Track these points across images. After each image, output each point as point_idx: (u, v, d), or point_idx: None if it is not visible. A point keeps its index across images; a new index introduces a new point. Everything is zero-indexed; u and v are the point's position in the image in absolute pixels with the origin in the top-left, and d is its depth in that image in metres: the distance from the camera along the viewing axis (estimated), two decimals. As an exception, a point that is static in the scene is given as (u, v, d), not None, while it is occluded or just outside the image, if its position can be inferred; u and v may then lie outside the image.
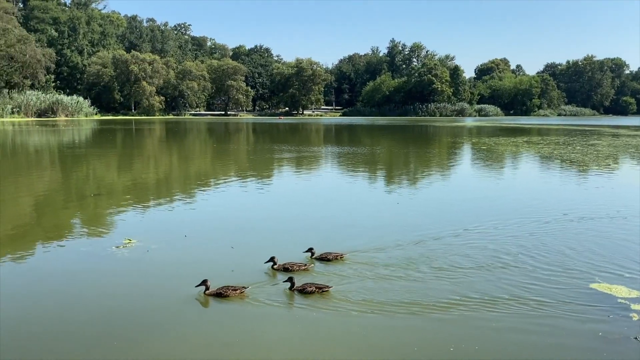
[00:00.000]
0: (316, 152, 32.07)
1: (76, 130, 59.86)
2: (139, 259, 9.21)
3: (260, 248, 9.71)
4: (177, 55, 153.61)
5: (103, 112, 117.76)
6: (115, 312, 6.94)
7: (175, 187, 18.57)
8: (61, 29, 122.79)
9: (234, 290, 7.44)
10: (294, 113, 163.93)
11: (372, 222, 12.17)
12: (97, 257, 9.35)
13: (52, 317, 6.83)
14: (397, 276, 8.33)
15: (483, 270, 8.67)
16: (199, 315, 6.93)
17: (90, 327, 6.52)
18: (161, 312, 6.98)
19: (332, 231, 11.31)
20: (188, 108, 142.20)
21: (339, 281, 8.06)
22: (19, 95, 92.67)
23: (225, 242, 10.32)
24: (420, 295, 7.55)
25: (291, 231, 11.43)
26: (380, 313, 6.91)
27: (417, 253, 9.54)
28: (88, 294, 7.64)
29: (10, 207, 14.50)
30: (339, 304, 7.21)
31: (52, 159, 27.96)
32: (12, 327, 6.49)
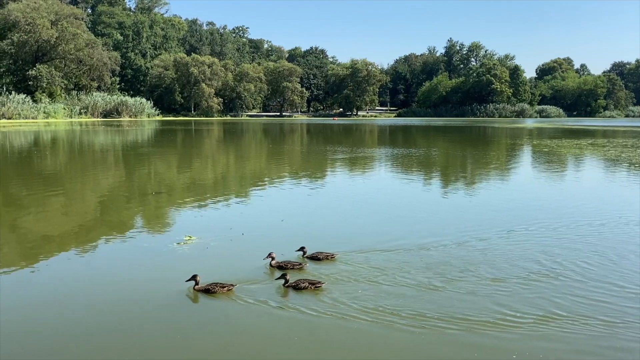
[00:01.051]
0: (370, 154, 31.90)
1: (139, 130, 62.25)
2: (198, 256, 9.44)
3: (312, 244, 9.74)
4: (235, 58, 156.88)
5: (164, 113, 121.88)
6: (177, 305, 7.15)
7: (232, 186, 18.95)
8: (126, 33, 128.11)
9: (222, 287, 7.55)
10: (348, 114, 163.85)
11: (413, 222, 11.96)
12: (159, 252, 9.65)
13: (117, 309, 7.10)
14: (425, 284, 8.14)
15: (527, 280, 8.31)
16: (252, 309, 7.01)
17: (154, 320, 6.74)
18: (222, 304, 7.13)
19: (373, 229, 11.19)
20: (245, 109, 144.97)
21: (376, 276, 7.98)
22: (86, 96, 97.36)
23: (281, 240, 10.41)
24: (452, 306, 7.35)
25: (339, 229, 11.40)
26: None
27: (457, 255, 9.31)
28: (151, 286, 7.89)
29: (77, 203, 15.25)
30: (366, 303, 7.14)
31: (116, 158, 29.18)
32: (86, 316, 6.82)
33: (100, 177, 21.22)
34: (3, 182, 19.52)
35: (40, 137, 46.15)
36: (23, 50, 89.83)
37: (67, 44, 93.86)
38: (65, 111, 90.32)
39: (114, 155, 30.53)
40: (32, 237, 11.05)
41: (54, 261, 9.20)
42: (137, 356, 5.80)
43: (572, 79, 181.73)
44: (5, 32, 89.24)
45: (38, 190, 17.24)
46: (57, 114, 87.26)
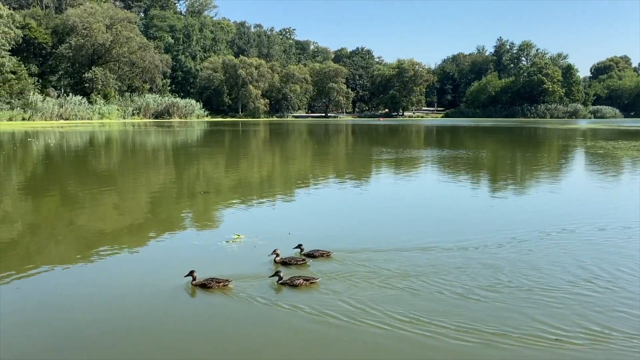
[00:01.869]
0: (415, 155, 31.57)
1: (188, 131, 63.80)
2: (247, 254, 9.59)
3: (351, 245, 9.73)
4: (281, 59, 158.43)
5: (213, 114, 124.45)
6: (233, 299, 7.31)
7: (277, 186, 19.17)
8: (177, 36, 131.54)
9: (218, 282, 7.76)
10: (394, 114, 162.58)
11: (455, 224, 11.73)
12: (209, 250, 9.84)
13: (171, 303, 7.32)
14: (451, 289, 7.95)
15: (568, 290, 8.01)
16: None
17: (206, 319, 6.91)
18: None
19: (413, 228, 11.04)
20: (290, 110, 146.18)
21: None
22: (139, 98, 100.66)
23: (325, 239, 10.44)
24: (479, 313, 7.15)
25: (380, 229, 11.31)
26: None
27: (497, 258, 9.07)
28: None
29: (129, 201, 15.79)
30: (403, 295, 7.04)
31: (166, 158, 30.02)
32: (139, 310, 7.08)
33: (151, 176, 21.88)
34: (61, 180, 20.44)
35: (95, 137, 48.01)
36: (80, 54, 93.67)
37: (121, 47, 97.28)
38: (119, 112, 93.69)
39: (164, 155, 31.41)
40: (88, 233, 11.53)
41: (108, 256, 9.55)
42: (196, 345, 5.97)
43: (629, 78, 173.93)
44: (64, 37, 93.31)
45: (93, 188, 17.95)
46: (111, 115, 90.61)
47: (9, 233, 11.42)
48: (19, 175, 21.67)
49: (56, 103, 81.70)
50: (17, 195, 16.43)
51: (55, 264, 8.94)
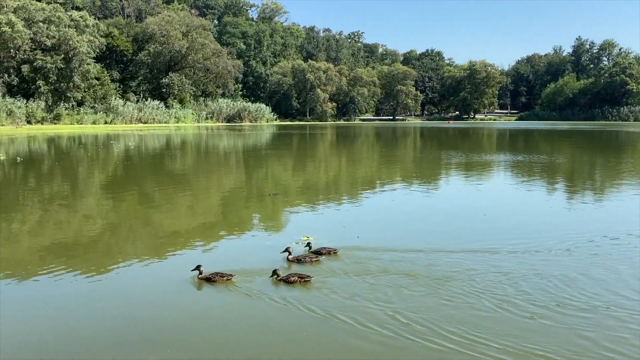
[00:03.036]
0: (486, 160, 30.63)
1: (258, 134, 65.29)
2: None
3: (413, 248, 9.56)
4: (349, 63, 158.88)
5: (281, 118, 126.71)
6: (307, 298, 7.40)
7: (344, 188, 19.20)
8: (248, 42, 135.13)
9: (222, 276, 8.17)
10: (465, 117, 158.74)
11: (520, 229, 11.19)
12: (279, 251, 9.86)
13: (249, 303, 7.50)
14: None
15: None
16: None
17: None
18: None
19: (474, 234, 10.65)
20: (358, 113, 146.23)
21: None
22: (212, 102, 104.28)
23: (394, 242, 10.33)
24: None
25: (448, 234, 11.03)
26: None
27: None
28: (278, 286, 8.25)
29: (202, 201, 16.36)
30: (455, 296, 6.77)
31: (237, 160, 30.86)
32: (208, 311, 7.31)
33: (222, 177, 22.57)
34: (139, 180, 21.51)
35: (171, 140, 50.15)
36: (158, 60, 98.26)
37: (196, 53, 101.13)
38: (193, 116, 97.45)
39: (235, 157, 32.30)
40: (163, 232, 12.04)
41: (182, 255, 9.93)
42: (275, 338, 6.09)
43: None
44: (143, 44, 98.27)
45: (168, 188, 18.75)
46: (186, 119, 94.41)
47: (92, 230, 12.14)
48: (101, 175, 23.00)
49: (135, 107, 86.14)
50: (99, 194, 17.44)
51: (133, 261, 9.39)
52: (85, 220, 13.17)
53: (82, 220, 13.16)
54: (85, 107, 79.18)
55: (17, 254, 9.98)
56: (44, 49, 73.60)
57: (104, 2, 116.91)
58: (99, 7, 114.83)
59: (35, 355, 5.94)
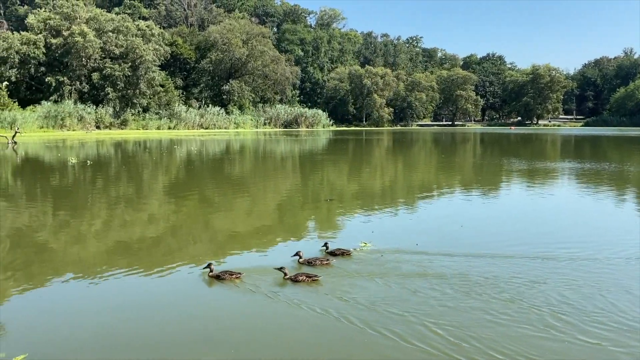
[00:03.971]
0: (549, 167, 29.47)
1: (314, 139, 65.76)
2: (375, 262, 9.56)
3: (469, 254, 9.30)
4: (407, 68, 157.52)
5: (337, 124, 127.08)
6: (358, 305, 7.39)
7: (400, 195, 19.00)
8: (306, 48, 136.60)
9: (231, 274, 8.56)
10: (527, 123, 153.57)
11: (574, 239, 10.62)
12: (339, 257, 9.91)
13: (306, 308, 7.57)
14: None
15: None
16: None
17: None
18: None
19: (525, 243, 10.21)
20: (415, 119, 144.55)
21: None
22: (270, 108, 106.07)
23: (454, 249, 10.13)
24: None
25: (506, 241, 10.64)
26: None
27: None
28: (331, 289, 8.27)
29: (259, 205, 16.63)
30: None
31: (293, 165, 31.20)
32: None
33: (279, 182, 22.87)
34: (200, 183, 22.15)
35: (231, 145, 51.36)
36: (219, 68, 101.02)
37: (256, 60, 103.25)
38: (252, 122, 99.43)
39: (291, 163, 32.67)
40: (221, 235, 12.33)
41: (238, 257, 10.12)
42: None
43: None
44: (205, 52, 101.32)
45: (227, 192, 19.21)
46: (245, 125, 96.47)
47: (155, 231, 12.61)
48: (164, 179, 23.86)
49: (197, 113, 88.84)
50: (162, 197, 18.09)
51: (192, 262, 9.66)
52: (148, 222, 13.69)
53: (145, 222, 13.69)
54: (150, 113, 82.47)
55: (84, 253, 10.50)
56: (113, 58, 77.29)
57: (169, 12, 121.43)
58: (164, 16, 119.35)
59: (91, 353, 6.21)
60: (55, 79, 73.79)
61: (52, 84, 73.52)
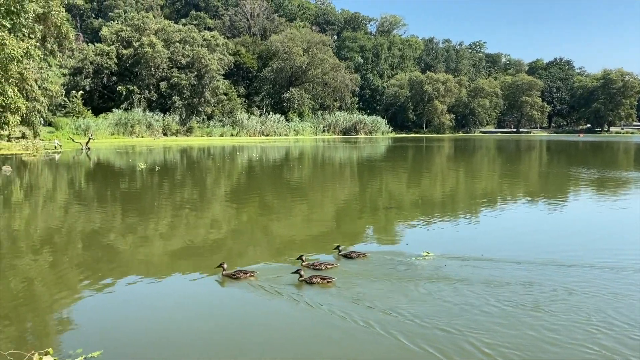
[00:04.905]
0: (621, 177, 27.92)
1: (373, 146, 65.51)
2: (439, 272, 9.34)
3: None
4: (470, 74, 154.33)
5: (397, 130, 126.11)
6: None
7: (462, 203, 18.57)
8: (366, 55, 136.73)
9: (245, 273, 8.83)
10: (598, 130, 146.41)
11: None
12: (403, 265, 9.75)
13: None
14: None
15: None
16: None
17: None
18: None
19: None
20: (478, 125, 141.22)
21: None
22: (329, 115, 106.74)
23: (518, 260, 9.80)
24: None
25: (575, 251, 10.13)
26: None
27: None
28: (397, 296, 8.20)
29: (317, 212, 16.73)
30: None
31: (351, 172, 31.19)
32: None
33: (337, 189, 22.92)
34: (260, 189, 22.56)
35: (290, 151, 52.03)
36: (280, 76, 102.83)
37: (316, 68, 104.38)
38: (311, 129, 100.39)
39: (349, 170, 32.68)
40: (280, 240, 12.50)
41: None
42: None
43: None
44: (267, 61, 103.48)
45: (286, 197, 19.45)
46: (304, 132, 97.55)
47: (217, 235, 12.95)
48: (227, 184, 24.49)
49: (259, 121, 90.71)
50: (224, 202, 18.56)
51: (252, 265, 9.84)
52: (211, 226, 14.07)
53: (207, 226, 14.09)
54: (214, 120, 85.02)
55: (150, 255, 10.93)
56: (180, 67, 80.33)
57: (233, 22, 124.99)
58: (228, 27, 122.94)
59: (162, 351, 6.44)
60: (125, 88, 77.56)
61: (122, 93, 77.33)
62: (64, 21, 51.43)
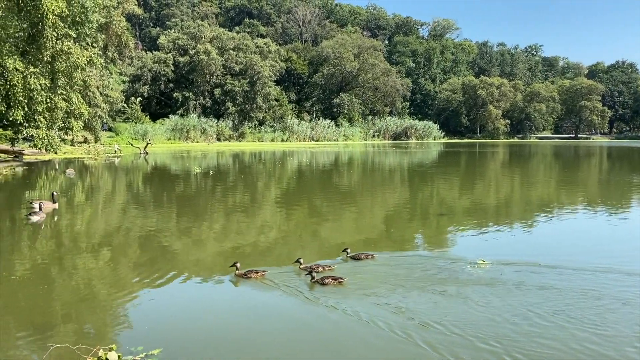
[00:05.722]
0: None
1: (424, 152, 64.69)
2: (495, 280, 9.11)
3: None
4: (525, 78, 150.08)
5: (449, 136, 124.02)
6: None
7: (516, 211, 18.06)
8: (418, 60, 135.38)
9: (256, 272, 9.13)
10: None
11: None
12: (458, 273, 9.55)
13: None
14: None
15: None
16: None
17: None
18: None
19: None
20: (534, 131, 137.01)
21: None
22: (379, 121, 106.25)
23: (576, 271, 9.45)
24: None
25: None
26: None
27: None
28: (452, 305, 8.09)
29: (366, 217, 16.68)
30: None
31: (402, 178, 30.91)
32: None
33: (387, 194, 22.77)
34: (310, 193, 22.72)
35: (340, 157, 52.13)
36: (331, 81, 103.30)
37: (366, 73, 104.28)
38: (361, 134, 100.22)
39: (400, 175, 32.40)
40: (328, 244, 12.53)
41: (344, 266, 10.22)
42: None
43: None
44: (318, 67, 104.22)
45: (335, 202, 19.49)
46: (354, 137, 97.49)
47: (266, 238, 13.14)
48: (277, 188, 24.80)
49: (309, 126, 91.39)
50: (274, 205, 18.81)
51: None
52: (261, 229, 14.29)
53: (258, 229, 14.31)
54: (265, 126, 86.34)
55: (203, 257, 11.22)
56: (233, 74, 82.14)
57: (285, 29, 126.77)
58: (280, 33, 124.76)
59: (219, 351, 6.59)
60: (181, 95, 80.00)
61: (179, 99, 79.80)
62: (125, 30, 53.78)
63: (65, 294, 8.53)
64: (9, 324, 7.21)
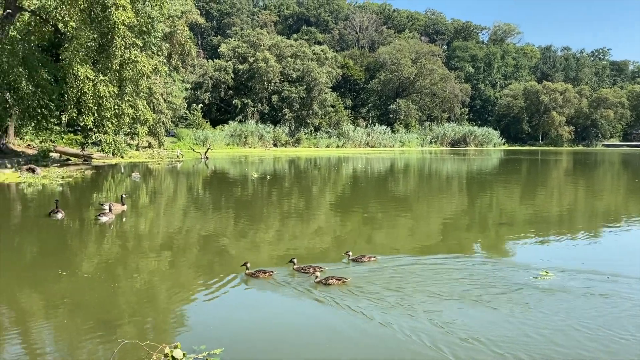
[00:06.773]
0: None
1: (484, 159, 63.10)
2: (560, 292, 8.85)
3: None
4: (592, 83, 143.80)
5: (510, 142, 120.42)
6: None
7: (580, 221, 17.33)
8: (477, 65, 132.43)
9: (264, 272, 9.53)
10: None
11: None
12: (521, 285, 9.28)
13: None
14: None
15: None
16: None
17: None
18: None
19: None
20: (600, 138, 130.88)
21: None
22: (437, 127, 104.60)
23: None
24: None
25: None
26: None
27: None
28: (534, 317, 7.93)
29: (421, 225, 16.48)
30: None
31: (460, 185, 30.30)
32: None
33: (444, 202, 22.40)
34: (364, 200, 22.68)
35: (396, 163, 51.72)
36: (387, 87, 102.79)
37: (424, 79, 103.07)
38: (418, 140, 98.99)
39: (458, 183, 31.78)
40: (383, 251, 12.46)
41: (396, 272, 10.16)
42: None
43: None
44: (374, 73, 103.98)
45: (390, 209, 19.37)
46: (410, 143, 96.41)
47: (320, 244, 13.23)
48: (332, 194, 24.91)
49: (364, 132, 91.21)
50: (329, 211, 18.91)
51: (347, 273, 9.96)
52: (315, 234, 14.41)
53: (313, 233, 14.44)
54: (321, 132, 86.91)
55: (258, 260, 11.42)
56: (290, 81, 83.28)
57: (342, 35, 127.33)
58: (337, 40, 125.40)
59: (278, 352, 6.72)
60: (240, 101, 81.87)
61: (238, 106, 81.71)
62: (188, 39, 55.69)
63: (128, 294, 8.92)
64: (78, 319, 7.63)
